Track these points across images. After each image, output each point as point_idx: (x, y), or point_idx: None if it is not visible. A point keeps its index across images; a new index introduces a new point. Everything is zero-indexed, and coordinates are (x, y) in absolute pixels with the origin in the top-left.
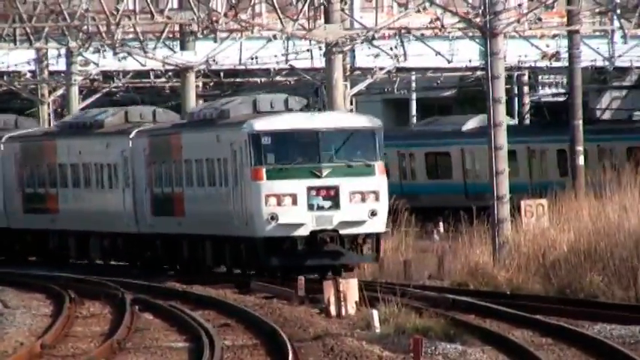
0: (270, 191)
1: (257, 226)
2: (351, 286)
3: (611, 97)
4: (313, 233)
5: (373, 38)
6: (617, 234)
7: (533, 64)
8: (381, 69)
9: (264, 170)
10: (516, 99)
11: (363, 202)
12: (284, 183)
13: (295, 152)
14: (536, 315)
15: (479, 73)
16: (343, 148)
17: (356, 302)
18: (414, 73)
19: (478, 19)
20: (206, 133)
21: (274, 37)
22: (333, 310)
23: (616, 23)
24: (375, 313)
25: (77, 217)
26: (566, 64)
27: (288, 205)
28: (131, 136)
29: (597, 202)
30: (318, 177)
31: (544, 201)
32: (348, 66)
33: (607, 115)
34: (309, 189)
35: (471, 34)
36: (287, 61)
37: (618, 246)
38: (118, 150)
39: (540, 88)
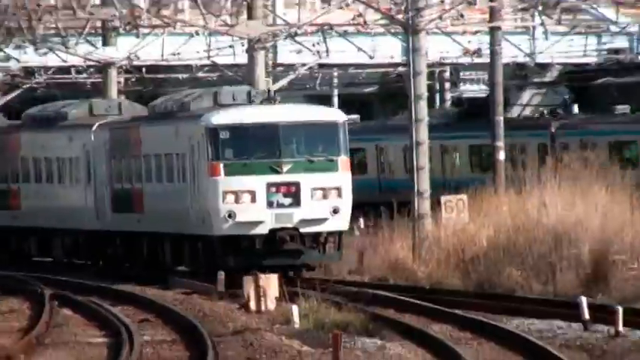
0: (228, 187)
1: (214, 224)
2: (271, 282)
3: (531, 93)
4: (272, 231)
5: (296, 34)
6: (536, 229)
7: (455, 61)
8: (304, 65)
9: (221, 165)
10: (438, 95)
11: (325, 199)
12: (242, 179)
13: (255, 147)
14: (455, 309)
15: (401, 69)
16: (305, 142)
17: (276, 297)
18: (336, 69)
19: (400, 16)
20: (165, 126)
21: (197, 33)
22: (252, 305)
23: (537, 19)
24: (294, 308)
25: (39, 213)
26: (488, 60)
27: (246, 203)
28: (93, 129)
29: (517, 198)
30: (278, 173)
31: (464, 196)
32: (271, 62)
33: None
34: (269, 185)
35: (393, 30)
36: (209, 57)
37: (537, 241)
38: (80, 144)
39: (462, 84)
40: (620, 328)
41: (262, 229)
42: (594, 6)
